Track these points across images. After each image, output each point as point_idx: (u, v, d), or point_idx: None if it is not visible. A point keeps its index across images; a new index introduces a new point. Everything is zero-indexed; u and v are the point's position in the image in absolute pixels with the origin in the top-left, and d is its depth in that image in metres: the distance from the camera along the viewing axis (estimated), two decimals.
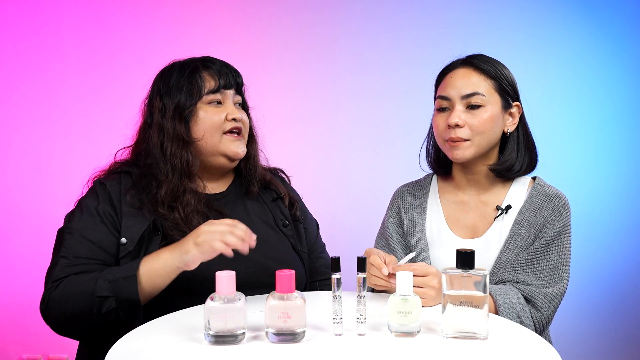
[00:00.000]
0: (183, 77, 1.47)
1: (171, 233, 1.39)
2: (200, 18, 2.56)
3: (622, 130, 2.61)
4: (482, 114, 1.43)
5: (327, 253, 1.71)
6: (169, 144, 1.44)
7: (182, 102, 1.45)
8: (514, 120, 1.49)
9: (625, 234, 2.62)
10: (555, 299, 1.41)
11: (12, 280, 2.44)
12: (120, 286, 1.25)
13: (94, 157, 1.55)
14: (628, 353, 2.65)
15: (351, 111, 2.63)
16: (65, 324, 1.31)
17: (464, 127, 1.43)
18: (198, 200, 1.44)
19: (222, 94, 1.48)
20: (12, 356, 2.40)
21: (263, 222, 1.54)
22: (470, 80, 1.45)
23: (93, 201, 1.41)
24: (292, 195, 1.63)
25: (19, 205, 2.45)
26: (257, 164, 1.58)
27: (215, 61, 1.51)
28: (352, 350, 1.05)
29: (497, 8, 2.59)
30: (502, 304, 1.35)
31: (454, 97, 1.45)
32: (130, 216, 1.39)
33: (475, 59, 1.48)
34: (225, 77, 1.48)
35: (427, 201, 1.58)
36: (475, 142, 1.44)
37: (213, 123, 1.46)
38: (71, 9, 2.48)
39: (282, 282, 1.07)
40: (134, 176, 1.46)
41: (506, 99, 1.47)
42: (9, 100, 2.47)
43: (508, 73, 1.49)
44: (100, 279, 1.27)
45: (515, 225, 1.46)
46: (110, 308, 1.25)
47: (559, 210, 1.45)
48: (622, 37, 2.60)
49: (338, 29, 2.62)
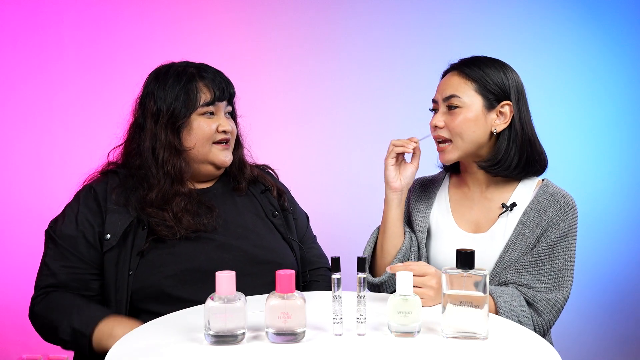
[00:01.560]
0: (179, 85, 1.48)
1: (158, 229, 1.42)
2: (199, 18, 2.56)
3: (622, 130, 2.61)
4: (460, 115, 1.47)
5: (319, 245, 1.74)
6: (161, 150, 1.46)
7: (176, 111, 1.47)
8: (504, 120, 1.49)
9: (625, 234, 2.62)
10: (557, 304, 1.41)
11: (12, 281, 2.44)
12: (76, 338, 1.32)
13: (94, 157, 1.56)
14: (628, 353, 2.65)
15: (351, 110, 2.63)
16: (46, 338, 1.41)
17: (444, 129, 1.49)
18: (189, 201, 1.47)
19: (215, 106, 1.51)
20: (12, 356, 2.40)
21: (252, 214, 1.57)
22: (451, 84, 1.50)
23: (74, 208, 1.46)
24: (279, 187, 1.67)
25: (19, 206, 2.45)
26: (244, 167, 1.61)
27: (211, 71, 1.53)
28: (352, 350, 1.05)
29: (497, 8, 2.60)
30: (503, 307, 1.35)
31: (438, 99, 1.52)
32: (114, 213, 1.42)
33: (463, 63, 1.52)
34: (220, 89, 1.50)
35: (436, 193, 1.62)
36: (457, 144, 1.48)
37: (205, 134, 1.49)
38: (71, 9, 2.48)
39: (282, 282, 1.07)
40: (121, 176, 1.49)
41: (489, 99, 1.48)
42: (9, 100, 2.47)
43: (497, 74, 1.49)
44: (66, 320, 1.33)
45: (519, 225, 1.47)
46: (69, 348, 1.36)
47: (564, 211, 1.45)
48: (622, 37, 2.60)
49: (338, 28, 2.62)
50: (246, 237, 1.50)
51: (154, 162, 1.46)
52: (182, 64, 1.54)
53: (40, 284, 1.41)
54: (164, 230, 1.41)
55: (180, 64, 1.54)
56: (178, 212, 1.44)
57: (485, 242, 1.49)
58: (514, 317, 1.35)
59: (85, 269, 1.41)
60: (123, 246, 1.40)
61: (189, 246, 1.43)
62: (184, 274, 1.39)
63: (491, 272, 1.46)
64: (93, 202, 1.45)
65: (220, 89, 1.50)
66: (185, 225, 1.43)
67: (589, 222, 2.50)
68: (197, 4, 2.56)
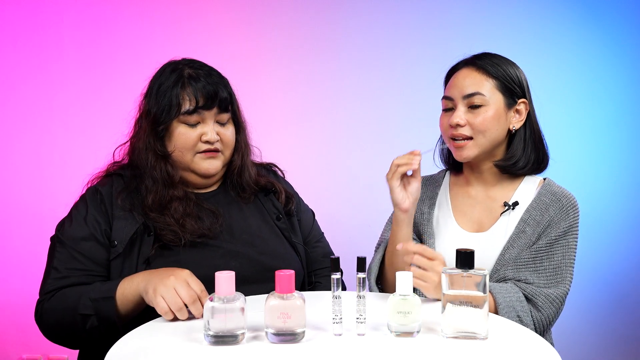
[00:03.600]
0: (167, 86, 1.43)
1: (162, 234, 1.39)
2: (199, 18, 2.56)
3: (622, 130, 2.61)
4: (484, 113, 1.45)
5: (326, 241, 1.70)
6: (149, 154, 1.44)
7: (157, 116, 1.43)
8: (520, 117, 1.50)
9: (625, 234, 2.62)
10: (556, 299, 1.41)
11: (12, 280, 2.44)
12: (100, 306, 1.29)
13: (94, 157, 1.55)
14: (628, 353, 2.65)
15: (351, 110, 2.63)
16: (57, 336, 1.37)
17: (466, 127, 1.46)
18: (187, 205, 1.44)
19: (200, 115, 1.43)
20: (12, 356, 2.40)
21: (257, 218, 1.54)
22: (471, 81, 1.47)
23: (82, 210, 1.42)
24: (288, 191, 1.62)
25: (19, 205, 2.45)
26: (245, 174, 1.54)
27: (202, 76, 1.44)
28: (352, 350, 1.05)
29: (497, 8, 2.60)
30: (502, 303, 1.35)
31: (456, 97, 1.48)
32: (120, 219, 1.40)
33: (478, 59, 1.50)
34: (207, 97, 1.42)
35: (438, 193, 1.61)
36: (478, 141, 1.46)
37: (185, 143, 1.43)
38: (71, 9, 2.48)
39: (282, 282, 1.07)
40: (125, 178, 1.46)
41: (510, 97, 1.48)
42: (9, 100, 2.47)
43: (513, 70, 1.49)
44: (83, 296, 1.30)
45: (521, 222, 1.47)
46: (92, 325, 1.29)
47: (566, 210, 1.46)
48: (622, 37, 2.60)
49: (338, 28, 2.62)
50: (251, 244, 1.47)
51: (146, 165, 1.44)
52: (184, 61, 1.49)
53: (48, 288, 1.36)
54: (169, 234, 1.39)
55: (183, 62, 1.49)
56: (179, 218, 1.41)
57: (487, 241, 1.49)
58: (513, 313, 1.35)
59: (98, 271, 1.38)
60: (129, 254, 1.37)
61: (195, 254, 1.40)
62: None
63: (491, 270, 1.46)
64: (100, 205, 1.42)
65: (206, 97, 1.42)
66: (190, 229, 1.40)
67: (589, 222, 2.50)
68: (197, 4, 2.56)
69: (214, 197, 1.53)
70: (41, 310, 1.35)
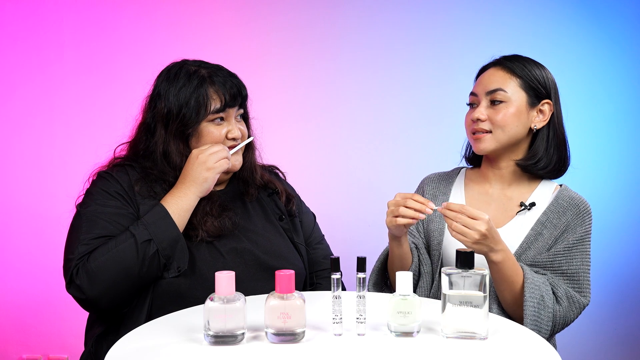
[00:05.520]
0: (190, 88, 1.44)
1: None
2: (199, 17, 2.55)
3: (622, 130, 2.61)
4: (504, 110, 1.49)
5: (327, 244, 1.72)
6: (174, 157, 1.45)
7: (186, 118, 1.43)
8: (544, 118, 1.53)
9: (625, 234, 2.61)
10: (577, 302, 1.43)
11: (12, 280, 2.44)
12: (158, 228, 1.33)
13: (94, 157, 1.55)
14: (628, 353, 2.65)
15: (352, 110, 2.63)
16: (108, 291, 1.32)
17: (486, 121, 1.50)
18: (212, 204, 1.46)
19: (225, 112, 1.47)
20: (12, 356, 2.40)
21: (261, 217, 1.56)
22: (495, 78, 1.52)
23: (103, 185, 1.42)
24: (289, 192, 1.64)
25: (19, 205, 2.45)
26: (254, 171, 1.58)
27: (222, 75, 1.47)
28: (352, 350, 1.05)
29: (497, 8, 2.59)
30: (529, 278, 1.36)
31: (480, 93, 1.53)
32: (146, 201, 1.41)
33: (507, 60, 1.54)
34: (231, 94, 1.46)
35: (451, 189, 1.62)
36: (497, 136, 1.49)
37: (214, 141, 1.46)
38: (71, 9, 2.48)
39: (282, 282, 1.07)
40: (138, 169, 1.46)
41: (533, 96, 1.51)
42: (9, 100, 2.47)
43: (540, 72, 1.53)
44: (131, 230, 1.32)
45: (538, 224, 1.48)
46: (153, 251, 1.32)
47: (582, 216, 1.49)
48: (622, 37, 2.60)
49: (338, 28, 2.61)
50: (256, 242, 1.49)
51: (167, 166, 1.45)
52: (195, 63, 1.50)
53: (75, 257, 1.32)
54: (189, 230, 1.41)
55: (193, 64, 1.49)
56: (203, 217, 1.43)
57: None
58: (537, 292, 1.36)
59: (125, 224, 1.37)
60: None
61: (203, 249, 1.42)
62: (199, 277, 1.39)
63: None
64: (118, 184, 1.42)
65: (231, 95, 1.45)
66: (209, 229, 1.42)
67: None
68: (198, 4, 2.56)
69: (225, 195, 1.54)
70: (83, 274, 1.30)
